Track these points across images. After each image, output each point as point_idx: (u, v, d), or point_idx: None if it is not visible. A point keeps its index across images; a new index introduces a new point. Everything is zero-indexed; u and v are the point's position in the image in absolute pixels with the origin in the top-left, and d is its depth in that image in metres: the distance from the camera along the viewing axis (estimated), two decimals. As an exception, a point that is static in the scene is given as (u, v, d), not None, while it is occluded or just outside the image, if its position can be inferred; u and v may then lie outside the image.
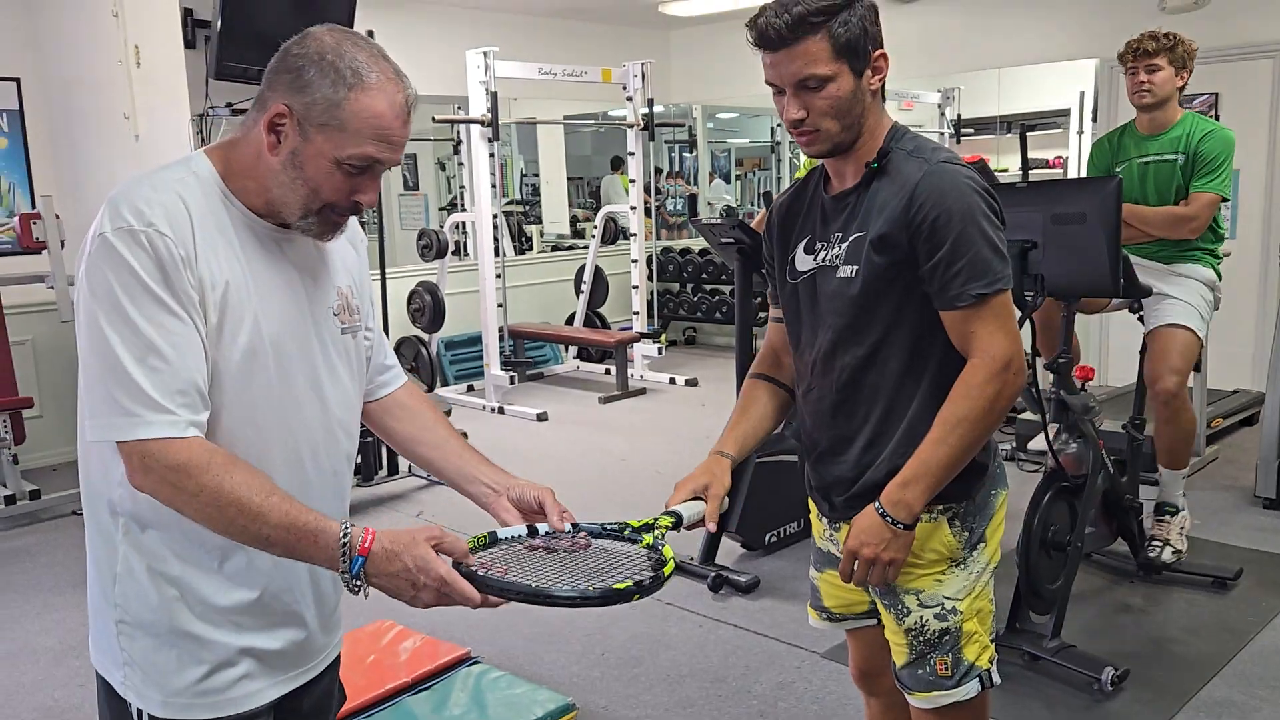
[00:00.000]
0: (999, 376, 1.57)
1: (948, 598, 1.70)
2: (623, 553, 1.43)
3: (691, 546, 3.90)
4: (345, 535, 1.24)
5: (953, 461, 1.59)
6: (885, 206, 1.62)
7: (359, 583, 1.24)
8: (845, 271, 1.66)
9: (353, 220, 1.46)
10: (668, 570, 1.35)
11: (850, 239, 1.66)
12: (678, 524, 1.55)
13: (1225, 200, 3.56)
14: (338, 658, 1.59)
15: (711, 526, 1.68)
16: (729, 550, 3.96)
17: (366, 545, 1.24)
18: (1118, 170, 3.67)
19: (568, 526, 1.45)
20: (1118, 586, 3.62)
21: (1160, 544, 3.62)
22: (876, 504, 1.61)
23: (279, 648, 1.43)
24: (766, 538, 3.99)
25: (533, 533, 1.44)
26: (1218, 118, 5.95)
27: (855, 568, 1.64)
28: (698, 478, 1.67)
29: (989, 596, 1.74)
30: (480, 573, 1.27)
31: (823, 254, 1.71)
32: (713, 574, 3.72)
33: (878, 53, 1.61)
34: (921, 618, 1.71)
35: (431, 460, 1.59)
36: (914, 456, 1.60)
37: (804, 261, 1.75)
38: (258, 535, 1.24)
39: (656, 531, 1.48)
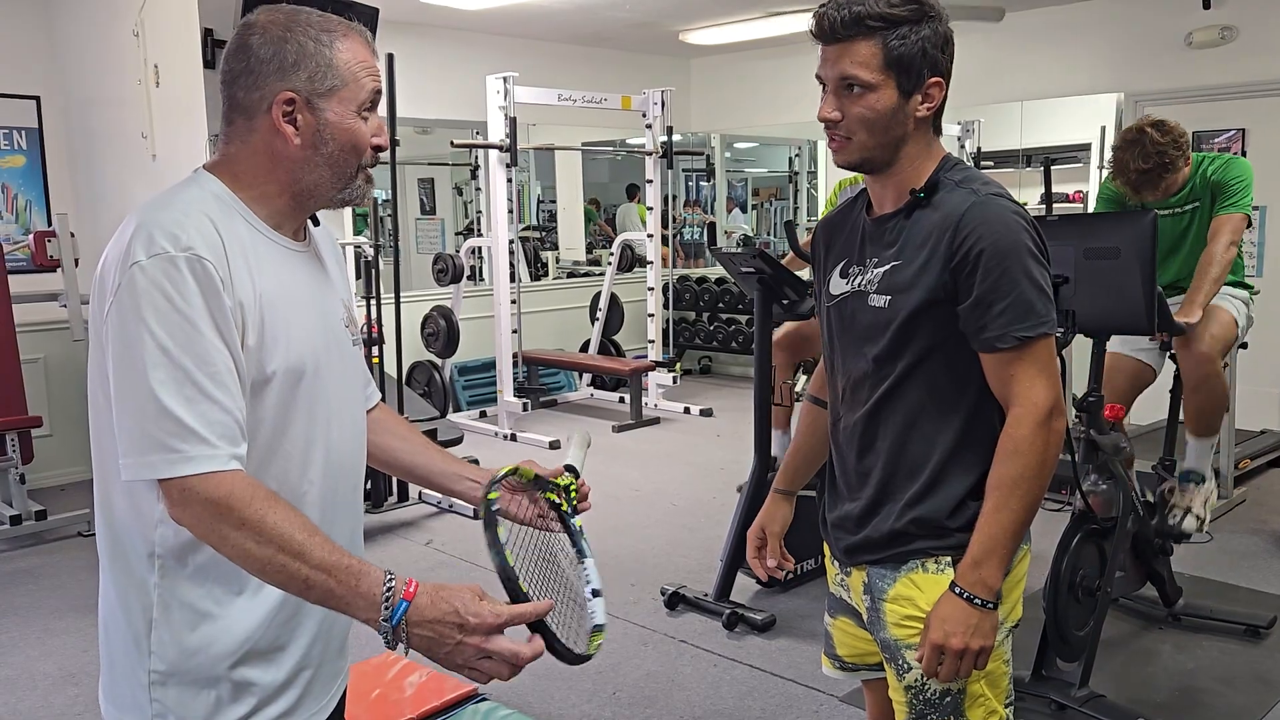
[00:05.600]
0: (1044, 427, 1.50)
1: None
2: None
3: (706, 582, 3.81)
4: (390, 578, 1.18)
5: (1017, 525, 1.51)
6: (928, 237, 1.54)
7: (400, 633, 1.17)
8: (878, 301, 1.59)
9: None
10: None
11: (886, 267, 1.59)
12: (576, 474, 1.50)
13: (1250, 218, 3.51)
14: (345, 690, 1.54)
15: (772, 565, 1.97)
16: (744, 587, 3.86)
17: (411, 591, 1.18)
18: None
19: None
20: (1146, 633, 3.51)
21: (1181, 511, 3.46)
22: (955, 587, 1.53)
23: (304, 658, 1.36)
24: (784, 574, 3.89)
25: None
26: (1244, 153, 5.88)
27: (944, 662, 1.52)
28: (756, 527, 1.94)
29: (1003, 658, 1.62)
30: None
31: (857, 279, 1.64)
32: (728, 611, 3.62)
33: (933, 79, 1.53)
34: (921, 676, 1.61)
35: (414, 466, 1.59)
36: (977, 531, 1.52)
37: (838, 285, 1.68)
38: (295, 575, 1.17)
39: (570, 493, 1.46)
